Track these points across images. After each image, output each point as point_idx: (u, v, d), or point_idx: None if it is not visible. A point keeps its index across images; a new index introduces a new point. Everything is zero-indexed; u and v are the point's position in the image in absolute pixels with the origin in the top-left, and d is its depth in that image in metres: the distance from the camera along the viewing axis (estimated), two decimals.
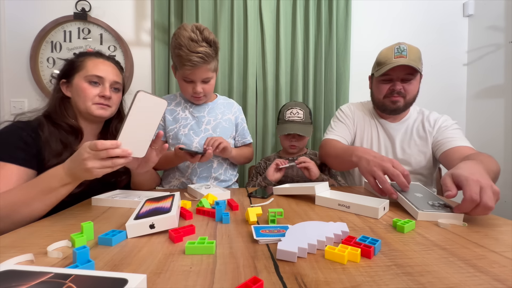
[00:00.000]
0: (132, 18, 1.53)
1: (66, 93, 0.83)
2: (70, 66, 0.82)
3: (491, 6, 1.57)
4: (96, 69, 0.81)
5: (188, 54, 0.85)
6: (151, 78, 1.56)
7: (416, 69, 0.89)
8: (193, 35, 0.85)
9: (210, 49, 0.88)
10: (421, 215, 0.56)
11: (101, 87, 0.82)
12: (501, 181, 1.47)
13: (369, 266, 0.37)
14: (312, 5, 1.54)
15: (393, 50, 0.92)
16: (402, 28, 1.67)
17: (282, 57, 1.55)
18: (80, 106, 0.81)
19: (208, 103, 1.08)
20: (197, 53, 0.85)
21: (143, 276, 0.29)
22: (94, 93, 0.80)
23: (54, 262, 0.39)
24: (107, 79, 0.82)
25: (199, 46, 0.86)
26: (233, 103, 1.15)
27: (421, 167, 0.99)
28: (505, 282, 0.33)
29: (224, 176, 1.06)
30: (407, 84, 0.93)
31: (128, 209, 0.66)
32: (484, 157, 0.75)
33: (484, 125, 1.61)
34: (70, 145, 0.78)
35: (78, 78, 0.80)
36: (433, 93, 1.70)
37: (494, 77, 1.54)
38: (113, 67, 0.86)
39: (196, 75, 0.91)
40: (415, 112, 1.04)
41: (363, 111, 1.10)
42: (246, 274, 0.35)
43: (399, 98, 0.95)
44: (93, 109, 0.81)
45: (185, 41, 0.85)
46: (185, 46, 0.85)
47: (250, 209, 0.55)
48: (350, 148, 0.84)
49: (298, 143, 1.15)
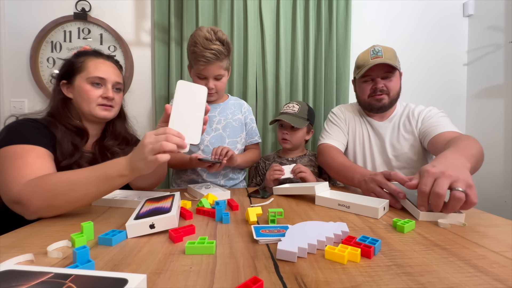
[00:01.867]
0: (132, 18, 1.53)
1: (68, 94, 0.82)
2: (70, 67, 0.82)
3: (491, 6, 1.57)
4: (98, 71, 0.81)
5: (202, 51, 0.92)
6: (151, 78, 1.56)
7: (393, 66, 0.94)
8: (208, 35, 0.93)
9: (223, 48, 0.95)
10: (422, 216, 0.56)
11: (104, 88, 0.82)
12: (501, 181, 1.48)
13: (369, 266, 0.37)
14: (312, 5, 1.54)
15: (369, 52, 0.98)
16: (402, 28, 1.67)
17: (282, 57, 1.54)
18: (83, 108, 0.81)
19: (220, 103, 1.11)
20: (210, 50, 0.92)
21: (143, 276, 0.29)
22: (97, 95, 0.81)
23: (54, 262, 0.39)
24: (109, 80, 0.82)
25: (213, 44, 0.93)
26: (243, 103, 1.17)
27: (413, 161, 0.99)
28: (505, 282, 0.33)
29: (233, 175, 1.10)
30: (388, 81, 0.98)
31: (128, 209, 0.66)
32: (463, 142, 0.74)
33: (484, 125, 1.61)
34: (78, 147, 0.78)
35: (80, 80, 0.80)
36: (433, 92, 1.70)
37: (494, 77, 1.54)
38: (114, 67, 0.86)
39: (209, 71, 0.97)
40: (401, 107, 1.07)
41: (353, 112, 1.12)
42: (246, 274, 0.35)
43: (383, 95, 0.98)
44: (97, 110, 0.81)
45: (200, 39, 0.93)
46: (200, 44, 0.92)
47: (250, 209, 0.55)
48: (350, 168, 0.86)
49: (290, 137, 1.13)
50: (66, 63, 0.84)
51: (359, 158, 1.07)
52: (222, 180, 1.07)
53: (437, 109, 1.01)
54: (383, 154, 1.04)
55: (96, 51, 0.87)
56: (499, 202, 1.49)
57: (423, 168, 0.57)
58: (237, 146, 1.09)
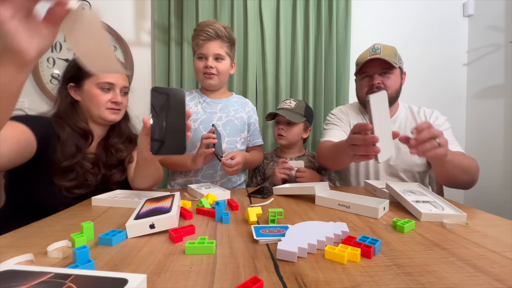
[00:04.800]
0: (132, 18, 1.53)
1: (76, 97, 0.84)
2: (79, 71, 0.82)
3: (491, 6, 1.57)
4: (107, 76, 0.83)
5: (203, 27, 0.97)
6: (151, 78, 1.56)
7: (391, 63, 0.93)
8: (211, 21, 0.99)
9: (224, 31, 0.98)
10: (424, 216, 0.56)
11: (112, 92, 0.85)
12: (501, 181, 1.48)
13: (369, 266, 0.37)
14: (312, 5, 1.54)
15: (368, 51, 0.99)
16: (402, 28, 1.67)
17: (282, 57, 1.54)
18: (93, 111, 0.84)
19: (222, 99, 1.08)
20: (211, 26, 0.96)
21: (143, 276, 0.29)
22: (106, 99, 0.83)
23: (54, 262, 0.39)
24: (118, 85, 0.85)
25: (215, 24, 0.97)
26: (247, 102, 1.16)
27: (417, 165, 0.99)
28: (505, 282, 0.33)
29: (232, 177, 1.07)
30: (385, 78, 0.97)
31: (128, 209, 0.66)
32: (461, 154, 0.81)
33: (484, 125, 1.61)
34: (81, 149, 0.81)
35: (89, 84, 0.82)
36: (433, 93, 1.70)
37: (494, 77, 1.54)
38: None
39: (208, 48, 0.97)
40: (403, 109, 1.06)
41: (354, 111, 1.12)
42: (246, 274, 0.35)
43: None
44: (106, 114, 0.84)
45: (203, 23, 0.99)
46: (202, 24, 0.98)
47: (250, 209, 0.55)
48: (339, 143, 0.86)
49: (285, 133, 1.12)
50: (73, 66, 0.84)
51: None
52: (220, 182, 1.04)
53: (441, 114, 1.01)
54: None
55: None
56: (499, 202, 1.49)
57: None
58: (236, 146, 1.06)
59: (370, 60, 0.95)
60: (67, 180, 0.77)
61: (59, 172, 0.76)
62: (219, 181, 1.03)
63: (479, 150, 1.60)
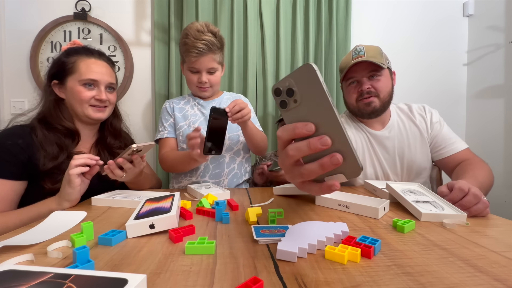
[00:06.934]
0: (132, 18, 1.53)
1: (60, 94, 0.82)
2: (61, 67, 0.80)
3: (491, 6, 1.57)
4: (90, 72, 0.80)
5: (194, 42, 0.92)
6: (151, 78, 1.56)
7: (378, 64, 0.86)
8: (200, 27, 0.93)
9: (215, 39, 0.94)
10: (424, 216, 0.56)
11: (97, 89, 0.82)
12: (501, 181, 1.48)
13: (369, 266, 0.37)
14: (312, 5, 1.54)
15: (351, 54, 0.92)
16: (401, 28, 1.67)
17: (282, 57, 1.54)
18: (76, 109, 0.81)
19: (214, 99, 1.09)
20: (202, 41, 0.91)
21: (143, 276, 0.29)
22: (89, 96, 0.80)
23: (54, 262, 0.39)
24: (102, 81, 0.82)
25: (205, 35, 0.92)
26: (240, 96, 1.15)
27: (422, 169, 0.97)
28: (505, 282, 0.33)
29: (238, 170, 1.05)
30: (375, 81, 0.90)
31: (128, 209, 0.66)
32: (478, 171, 0.77)
33: (484, 125, 1.61)
34: (67, 148, 0.78)
35: (72, 81, 0.79)
36: (433, 93, 1.70)
37: (494, 77, 1.54)
38: (106, 66, 0.85)
39: (201, 64, 0.95)
40: (394, 112, 1.00)
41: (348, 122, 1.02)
42: (246, 274, 0.35)
43: (372, 98, 0.91)
44: (90, 111, 0.81)
45: (192, 31, 0.93)
46: (191, 35, 0.92)
47: (250, 209, 0.55)
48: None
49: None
50: (56, 62, 0.82)
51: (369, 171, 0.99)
52: (226, 180, 1.02)
53: (431, 109, 0.98)
54: (392, 167, 0.97)
55: (86, 48, 0.85)
56: (499, 202, 1.49)
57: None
58: (239, 139, 1.05)
59: (355, 64, 0.88)
60: (55, 182, 0.73)
61: (47, 175, 0.73)
62: (226, 179, 1.02)
63: (479, 150, 1.59)
